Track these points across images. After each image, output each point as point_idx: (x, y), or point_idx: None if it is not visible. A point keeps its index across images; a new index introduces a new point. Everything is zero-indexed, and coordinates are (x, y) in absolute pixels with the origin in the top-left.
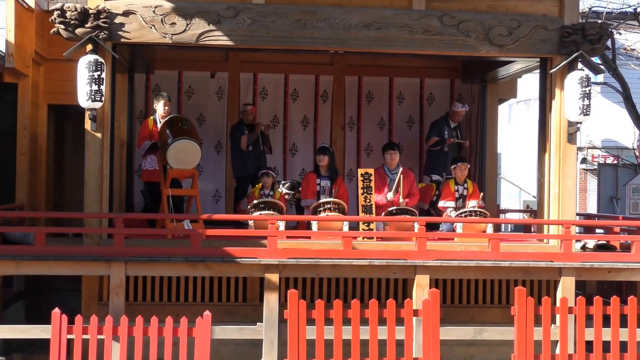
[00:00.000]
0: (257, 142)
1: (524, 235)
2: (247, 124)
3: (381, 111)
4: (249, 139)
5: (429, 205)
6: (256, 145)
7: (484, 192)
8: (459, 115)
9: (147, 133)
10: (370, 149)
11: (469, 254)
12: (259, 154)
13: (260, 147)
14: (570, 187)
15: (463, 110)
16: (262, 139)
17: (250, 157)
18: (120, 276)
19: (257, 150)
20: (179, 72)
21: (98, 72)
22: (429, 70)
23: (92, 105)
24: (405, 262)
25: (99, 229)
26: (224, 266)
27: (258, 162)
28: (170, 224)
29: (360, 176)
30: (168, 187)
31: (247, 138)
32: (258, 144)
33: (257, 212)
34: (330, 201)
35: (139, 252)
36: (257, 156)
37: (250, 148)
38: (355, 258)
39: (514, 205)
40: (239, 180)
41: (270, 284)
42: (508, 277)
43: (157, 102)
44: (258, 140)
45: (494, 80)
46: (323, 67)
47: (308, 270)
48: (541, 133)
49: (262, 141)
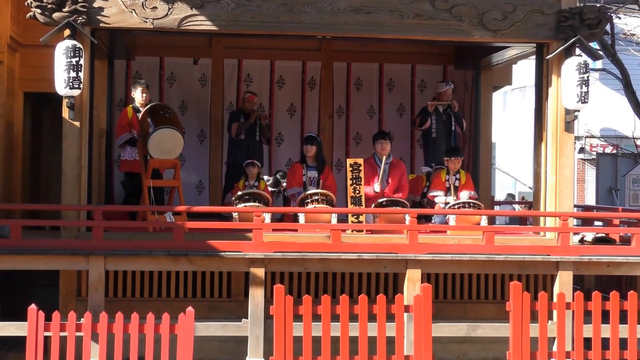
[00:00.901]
0: (252, 131)
1: (520, 228)
2: (246, 112)
3: (371, 99)
4: (240, 127)
5: (421, 197)
6: (251, 135)
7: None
8: (446, 95)
9: (126, 122)
10: (359, 138)
11: (462, 247)
12: (253, 144)
13: (255, 137)
14: (567, 178)
15: (448, 89)
16: (259, 130)
17: (240, 146)
18: (99, 271)
19: (250, 140)
20: (161, 59)
21: (76, 58)
22: (420, 56)
23: (70, 93)
24: (396, 255)
25: (77, 222)
26: (207, 260)
27: (250, 153)
28: (151, 217)
29: (349, 166)
30: (149, 178)
31: (237, 126)
32: (253, 133)
33: (241, 203)
34: (318, 192)
35: (119, 246)
36: (249, 146)
37: (243, 137)
38: (344, 252)
39: None
40: (229, 168)
41: (256, 279)
42: (503, 272)
43: (135, 90)
44: (254, 130)
45: (488, 66)
46: (310, 53)
47: (295, 264)
48: (537, 122)
49: (260, 132)
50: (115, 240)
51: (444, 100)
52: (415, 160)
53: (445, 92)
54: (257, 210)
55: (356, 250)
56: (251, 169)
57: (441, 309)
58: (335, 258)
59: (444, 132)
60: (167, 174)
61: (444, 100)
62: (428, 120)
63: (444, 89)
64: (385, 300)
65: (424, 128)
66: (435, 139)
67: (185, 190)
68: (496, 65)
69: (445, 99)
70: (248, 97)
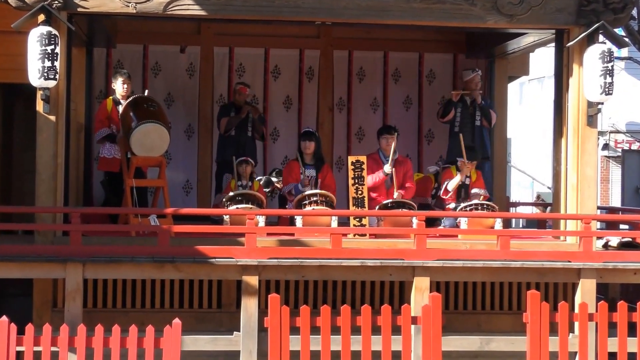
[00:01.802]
0: (244, 126)
1: (538, 232)
2: (237, 105)
3: (374, 90)
4: (230, 123)
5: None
6: (242, 131)
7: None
8: (473, 83)
9: (105, 116)
10: (362, 134)
11: (474, 253)
12: (244, 141)
13: (247, 133)
14: (590, 177)
15: (475, 76)
16: (252, 124)
17: (230, 143)
18: (77, 279)
19: (241, 136)
20: (144, 46)
21: (51, 46)
22: (428, 44)
23: (45, 84)
24: (403, 262)
25: (52, 225)
26: (195, 267)
27: (241, 149)
28: (134, 220)
29: (351, 164)
30: (131, 178)
31: (227, 121)
32: (245, 129)
33: (233, 205)
34: (317, 193)
35: (99, 252)
36: (240, 142)
37: (233, 133)
38: (345, 258)
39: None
40: (218, 167)
41: (249, 288)
42: (519, 280)
43: (116, 81)
44: (245, 125)
45: (502, 55)
46: (308, 40)
47: (291, 271)
48: (557, 115)
49: (253, 127)
50: (94, 245)
51: (471, 89)
52: (423, 157)
53: (471, 80)
54: (251, 212)
55: (359, 257)
56: (244, 168)
57: (452, 320)
58: (336, 265)
59: (468, 126)
60: (152, 173)
61: (471, 89)
62: (452, 111)
63: (470, 76)
64: (390, 311)
65: (446, 120)
66: (457, 133)
67: (171, 190)
68: (512, 53)
69: (472, 87)
70: (239, 88)
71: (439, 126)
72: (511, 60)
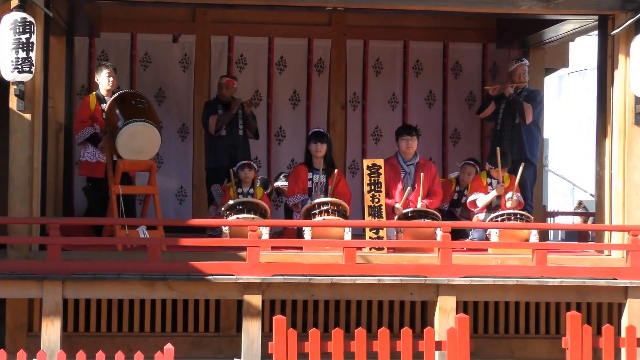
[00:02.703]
0: (234, 124)
1: (579, 245)
2: (224, 101)
3: (393, 85)
4: (220, 121)
5: (450, 206)
6: (233, 129)
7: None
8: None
9: (87, 115)
10: (379, 134)
11: (507, 269)
12: (237, 141)
13: (239, 131)
14: (638, 183)
15: (518, 67)
16: (243, 121)
17: (222, 144)
18: (55, 299)
19: (233, 136)
20: (132, 35)
21: (26, 34)
22: (454, 32)
23: (19, 78)
24: (425, 279)
25: (28, 238)
26: (190, 285)
27: (234, 151)
28: (121, 232)
29: (367, 169)
30: (118, 184)
31: (216, 119)
32: (236, 127)
33: (233, 215)
34: (328, 201)
35: (81, 268)
36: (233, 143)
37: (224, 132)
38: (360, 275)
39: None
40: (209, 173)
41: (251, 309)
42: (558, 299)
43: (99, 74)
44: (236, 122)
45: (538, 44)
46: (318, 28)
47: (299, 290)
48: (600, 113)
49: (244, 123)
50: (75, 261)
51: (515, 81)
52: (448, 161)
53: (515, 72)
54: (253, 223)
55: (375, 273)
56: (246, 172)
57: (481, 345)
58: (350, 282)
59: (509, 123)
60: (141, 179)
61: (514, 82)
62: (489, 106)
63: (513, 66)
64: (411, 335)
65: (483, 116)
66: (498, 132)
67: (162, 198)
68: (549, 43)
69: (515, 79)
70: (226, 82)
71: (466, 126)
72: (548, 50)
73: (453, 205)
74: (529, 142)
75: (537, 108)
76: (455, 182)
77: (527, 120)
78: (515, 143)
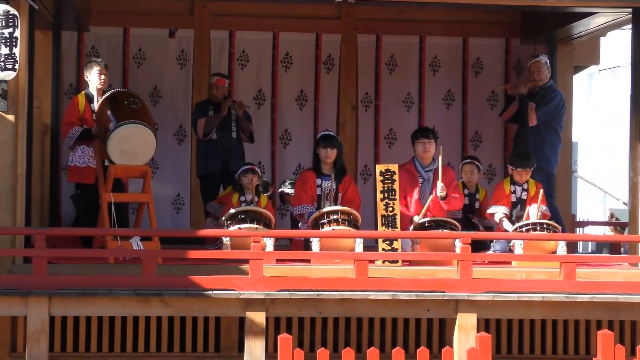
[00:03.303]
0: (227, 126)
1: (611, 258)
2: (215, 102)
3: (408, 84)
4: (209, 124)
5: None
6: (225, 132)
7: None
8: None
9: (76, 116)
10: (393, 137)
11: (532, 284)
12: (229, 144)
13: (232, 134)
14: None
15: (535, 63)
16: (236, 123)
17: (213, 149)
18: (41, 317)
19: (225, 139)
20: (125, 30)
21: (9, 29)
22: (475, 26)
23: (2, 76)
24: (443, 295)
25: (11, 251)
26: (188, 302)
27: (226, 156)
28: (112, 243)
29: (380, 175)
30: (109, 191)
31: (205, 121)
32: (229, 129)
33: (234, 225)
34: (337, 210)
35: (69, 283)
36: (224, 147)
37: (215, 136)
38: (372, 290)
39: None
40: (202, 181)
41: (254, 327)
42: (588, 317)
43: (90, 71)
44: (229, 124)
45: (567, 39)
46: (327, 22)
47: (306, 306)
48: (634, 114)
49: (237, 126)
50: (63, 275)
51: (532, 79)
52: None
53: (530, 69)
54: (256, 234)
55: (389, 288)
56: (250, 178)
57: None
58: (361, 298)
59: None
60: (134, 186)
61: (532, 80)
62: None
63: (529, 63)
64: (428, 355)
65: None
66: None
67: (158, 207)
68: (578, 37)
69: (533, 77)
70: (216, 81)
71: (488, 128)
72: (577, 46)
73: (467, 212)
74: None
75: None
76: (462, 186)
77: (530, 122)
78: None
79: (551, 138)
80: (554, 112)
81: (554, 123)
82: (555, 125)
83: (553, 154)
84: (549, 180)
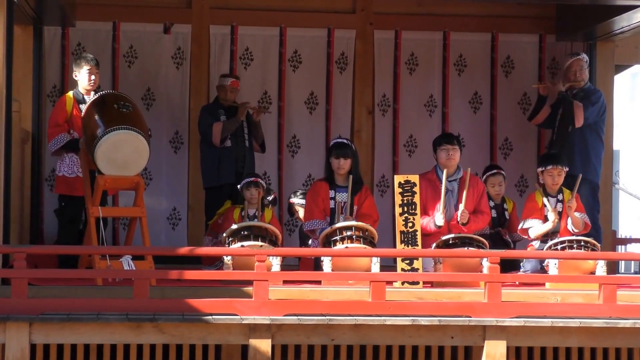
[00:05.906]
0: (240, 134)
1: None
2: (226, 106)
3: (430, 85)
4: (226, 129)
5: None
6: (239, 139)
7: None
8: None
9: (63, 118)
10: (413, 144)
11: (568, 308)
12: (243, 153)
13: (245, 141)
14: None
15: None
16: (249, 130)
17: (227, 157)
18: (21, 344)
19: (240, 147)
20: (114, 25)
21: None
22: (505, 22)
23: None
24: (469, 320)
25: None
26: (185, 328)
27: (240, 166)
28: (101, 262)
29: (399, 186)
30: (97, 205)
31: (222, 126)
32: (242, 136)
33: (237, 242)
34: (352, 226)
35: (52, 307)
36: (238, 156)
37: (229, 143)
38: (390, 315)
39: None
40: (210, 193)
41: (258, 355)
42: (630, 345)
43: (79, 69)
44: (241, 131)
45: (607, 36)
46: (340, 16)
47: (317, 333)
48: None
49: (250, 132)
50: (45, 298)
51: (570, 79)
52: None
53: (570, 68)
54: (261, 252)
55: (409, 312)
56: (252, 192)
57: None
58: (378, 324)
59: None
60: (125, 199)
61: (569, 80)
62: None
63: (568, 62)
64: None
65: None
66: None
67: (151, 222)
68: (620, 34)
69: (571, 77)
70: (231, 84)
71: (520, 134)
72: (619, 43)
73: (495, 226)
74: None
75: (591, 109)
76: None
77: (578, 122)
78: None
79: (595, 145)
80: (599, 113)
81: (598, 127)
82: (599, 131)
83: (599, 163)
84: (594, 193)
